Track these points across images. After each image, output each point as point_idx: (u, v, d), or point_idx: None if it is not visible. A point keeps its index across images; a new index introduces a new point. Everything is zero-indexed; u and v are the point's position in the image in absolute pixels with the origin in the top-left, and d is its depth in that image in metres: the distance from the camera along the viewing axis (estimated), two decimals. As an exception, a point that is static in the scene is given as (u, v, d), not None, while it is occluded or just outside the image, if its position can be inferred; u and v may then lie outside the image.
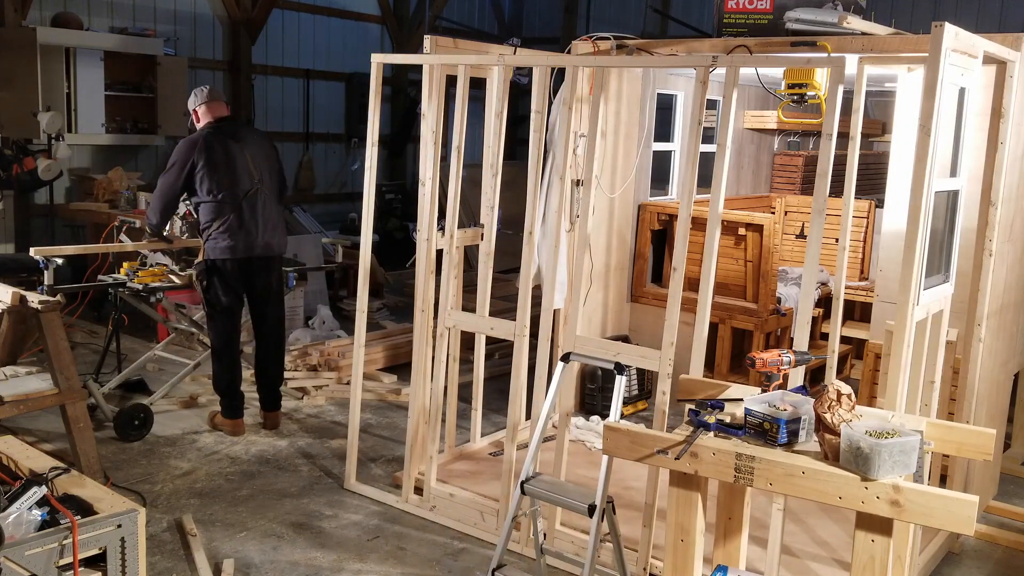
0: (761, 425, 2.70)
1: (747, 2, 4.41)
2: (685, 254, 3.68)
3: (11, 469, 3.41)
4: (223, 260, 5.19)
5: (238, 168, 5.21)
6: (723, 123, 3.61)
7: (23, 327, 4.67)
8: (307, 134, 11.12)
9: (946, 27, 3.19)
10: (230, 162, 5.20)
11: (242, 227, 5.17)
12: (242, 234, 5.17)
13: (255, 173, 5.25)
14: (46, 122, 7.53)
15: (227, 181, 5.17)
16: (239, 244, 5.16)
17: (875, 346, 5.00)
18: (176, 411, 5.83)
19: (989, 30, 3.97)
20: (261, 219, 5.24)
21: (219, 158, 5.18)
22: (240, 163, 5.22)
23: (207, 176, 5.15)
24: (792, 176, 7.90)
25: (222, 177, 5.17)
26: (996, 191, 3.97)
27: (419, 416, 4.49)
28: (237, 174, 5.19)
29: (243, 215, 5.17)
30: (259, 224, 5.23)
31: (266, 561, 3.98)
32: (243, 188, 5.19)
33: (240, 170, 5.21)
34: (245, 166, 5.23)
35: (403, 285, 9.34)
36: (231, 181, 5.17)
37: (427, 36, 4.43)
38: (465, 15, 13.21)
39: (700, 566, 2.87)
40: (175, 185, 5.23)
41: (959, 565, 4.22)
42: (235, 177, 5.18)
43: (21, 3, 8.01)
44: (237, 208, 5.16)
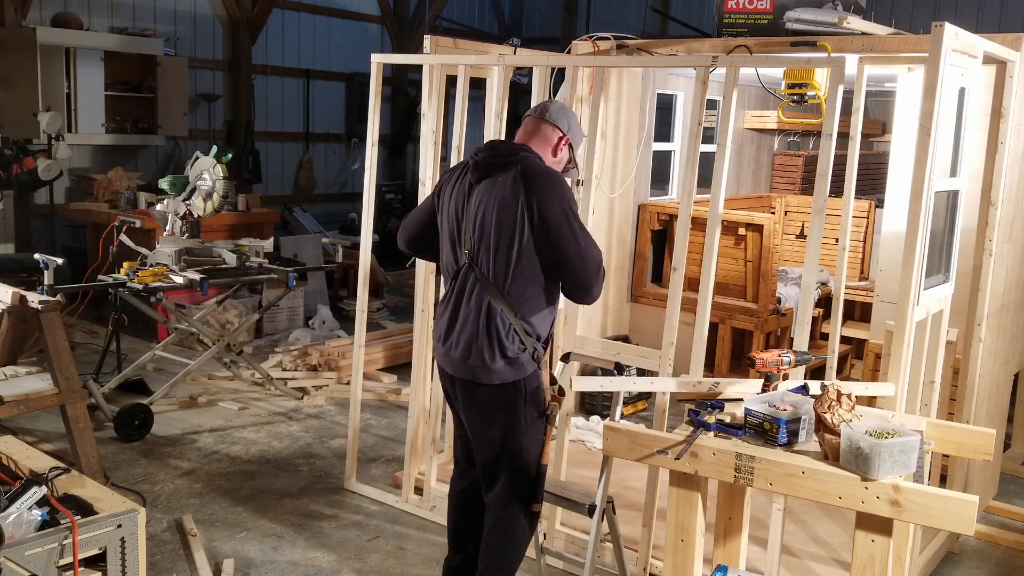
0: (761, 425, 2.70)
1: (747, 2, 4.41)
2: (685, 254, 3.68)
3: (11, 469, 3.41)
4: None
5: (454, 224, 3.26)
6: (723, 123, 3.61)
7: (23, 327, 4.67)
8: (307, 134, 11.13)
9: (946, 27, 3.19)
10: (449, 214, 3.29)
11: (439, 321, 3.33)
12: (436, 332, 3.35)
13: (470, 236, 3.18)
14: (46, 122, 7.53)
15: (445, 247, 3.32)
16: (437, 349, 3.35)
17: (875, 346, 5.00)
18: (176, 411, 5.83)
19: (989, 30, 3.97)
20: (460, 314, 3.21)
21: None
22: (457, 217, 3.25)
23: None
24: (792, 176, 7.90)
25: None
26: (996, 191, 3.97)
27: (419, 416, 4.49)
28: (451, 235, 3.27)
29: (448, 301, 3.28)
30: (454, 322, 3.22)
31: (266, 561, 3.98)
32: (454, 258, 3.27)
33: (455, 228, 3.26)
34: (461, 222, 3.23)
35: (403, 285, 9.34)
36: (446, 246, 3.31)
37: (427, 36, 4.43)
38: (465, 15, 13.21)
39: (700, 566, 2.87)
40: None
41: (959, 565, 4.22)
42: (449, 240, 3.29)
43: (21, 3, 8.01)
44: (447, 290, 3.31)
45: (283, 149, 10.95)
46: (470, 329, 3.12)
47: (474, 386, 3.16)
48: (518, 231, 3.04)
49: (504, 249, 3.06)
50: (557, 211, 3.03)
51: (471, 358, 3.12)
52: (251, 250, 6.00)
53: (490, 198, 3.09)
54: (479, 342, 3.09)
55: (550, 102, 3.34)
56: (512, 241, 3.05)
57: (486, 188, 3.12)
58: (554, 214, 3.03)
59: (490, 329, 3.09)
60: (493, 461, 3.22)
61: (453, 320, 3.19)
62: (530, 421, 3.18)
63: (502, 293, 3.08)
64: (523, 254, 3.05)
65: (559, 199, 3.05)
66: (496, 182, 3.10)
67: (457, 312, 3.18)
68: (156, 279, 5.40)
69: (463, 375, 3.17)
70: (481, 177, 3.16)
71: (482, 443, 3.23)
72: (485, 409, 3.18)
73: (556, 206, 3.03)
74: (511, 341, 3.09)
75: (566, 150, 3.29)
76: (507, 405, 3.14)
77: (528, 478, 3.21)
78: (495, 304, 3.08)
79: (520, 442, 3.17)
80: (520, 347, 3.11)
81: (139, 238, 6.42)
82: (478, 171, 3.18)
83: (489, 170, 3.15)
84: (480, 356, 3.09)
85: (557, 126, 3.25)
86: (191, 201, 5.82)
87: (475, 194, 3.15)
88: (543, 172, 3.11)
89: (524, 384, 3.14)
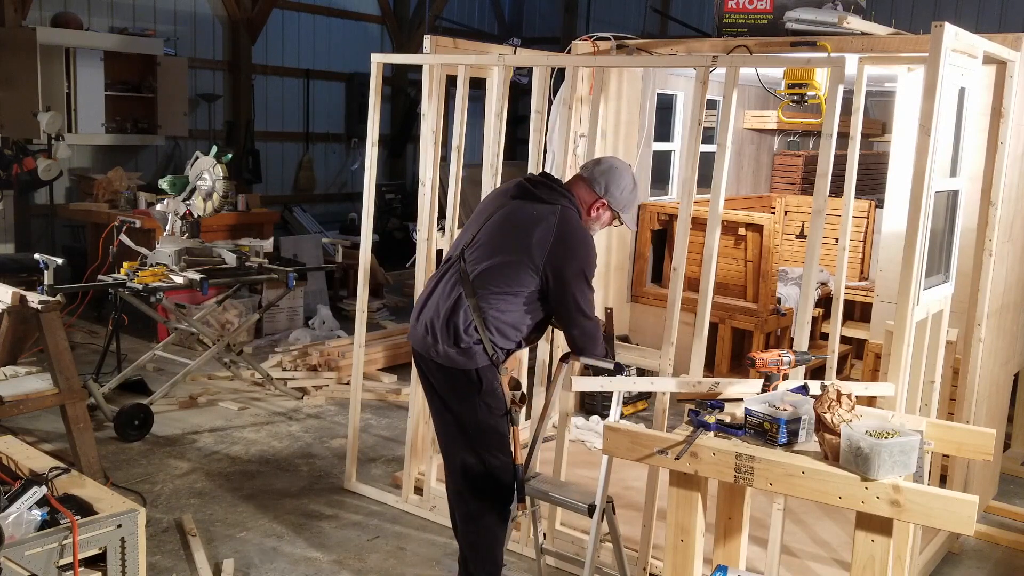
0: (761, 425, 2.70)
1: (747, 2, 4.41)
2: (685, 254, 3.68)
3: (11, 469, 3.41)
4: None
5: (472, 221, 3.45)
6: (723, 123, 3.61)
7: (23, 327, 4.67)
8: (307, 134, 11.13)
9: (946, 27, 3.19)
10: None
11: (418, 300, 3.52)
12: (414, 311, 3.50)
13: (477, 235, 3.35)
14: (46, 122, 7.53)
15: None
16: (411, 328, 3.48)
17: (875, 346, 5.00)
18: (176, 411, 5.83)
19: (989, 30, 3.97)
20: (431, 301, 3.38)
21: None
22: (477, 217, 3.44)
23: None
24: (792, 176, 7.90)
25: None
26: (996, 191, 3.97)
27: (419, 416, 4.49)
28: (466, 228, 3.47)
29: (429, 283, 3.46)
30: (426, 301, 3.41)
31: (266, 561, 3.98)
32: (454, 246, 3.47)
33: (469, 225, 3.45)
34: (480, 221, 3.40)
35: (403, 285, 9.34)
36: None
37: (427, 36, 4.43)
38: (465, 15, 13.22)
39: (700, 566, 2.87)
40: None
41: (959, 565, 4.22)
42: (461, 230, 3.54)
43: (21, 3, 8.01)
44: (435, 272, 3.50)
45: (283, 149, 10.95)
46: (433, 311, 3.30)
47: (428, 362, 3.33)
48: (526, 266, 3.19)
49: (501, 264, 3.20)
50: (572, 274, 3.22)
51: (427, 335, 3.30)
52: (251, 250, 5.99)
53: (516, 219, 3.25)
54: (438, 325, 3.26)
55: (602, 160, 3.43)
56: (515, 267, 3.20)
57: (517, 208, 3.28)
58: (568, 275, 3.21)
59: (450, 320, 3.24)
60: (451, 448, 3.37)
61: (426, 300, 3.38)
62: (486, 414, 3.28)
63: (474, 294, 3.22)
64: (516, 279, 3.21)
65: (579, 262, 3.23)
66: (532, 212, 3.25)
67: (432, 294, 3.36)
68: (156, 279, 5.40)
69: (421, 350, 3.35)
70: (520, 196, 3.32)
71: (442, 427, 3.40)
72: (441, 388, 3.34)
73: (574, 267, 3.21)
74: (468, 335, 3.23)
75: (604, 213, 3.41)
76: (460, 390, 3.29)
77: (493, 466, 3.32)
78: (464, 300, 3.24)
79: (475, 432, 3.29)
80: (476, 340, 3.22)
81: (139, 238, 6.42)
82: (520, 190, 3.34)
83: (531, 196, 3.30)
84: (433, 336, 3.27)
85: (593, 188, 3.37)
86: (191, 201, 5.82)
87: (506, 206, 3.31)
88: (578, 232, 3.25)
89: (477, 374, 3.25)
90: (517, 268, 3.20)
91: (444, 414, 3.38)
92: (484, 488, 3.36)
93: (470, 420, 3.30)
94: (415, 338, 3.39)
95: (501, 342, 3.27)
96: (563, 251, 3.19)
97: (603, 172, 3.38)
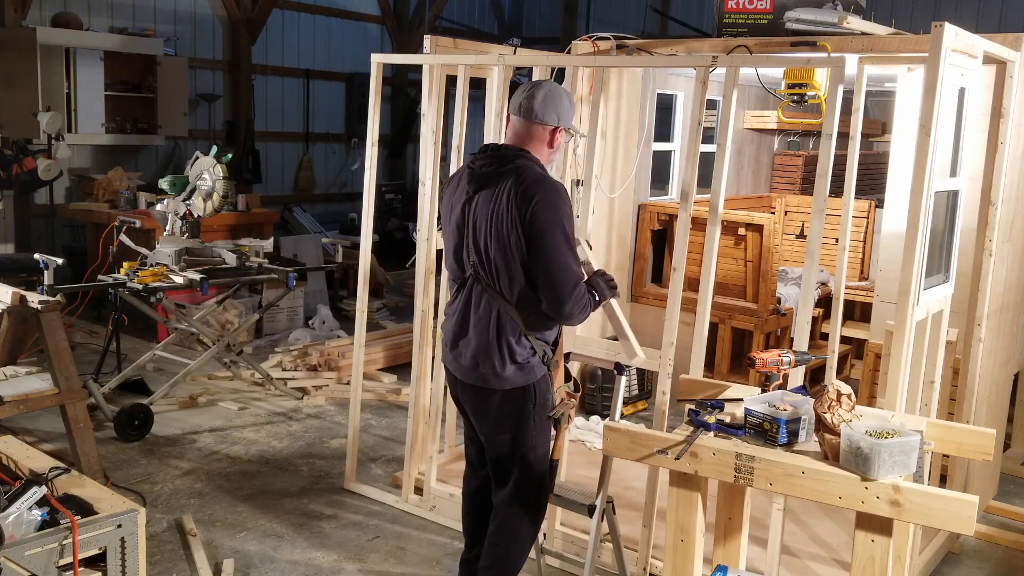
0: (761, 425, 2.70)
1: (747, 2, 4.41)
2: (685, 254, 3.68)
3: (11, 469, 3.41)
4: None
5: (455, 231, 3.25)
6: (723, 123, 3.61)
7: (23, 327, 4.67)
8: (307, 134, 11.13)
9: (946, 27, 3.19)
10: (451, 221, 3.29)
11: (447, 325, 3.32)
12: (444, 337, 3.33)
13: (474, 248, 3.14)
14: (46, 122, 7.53)
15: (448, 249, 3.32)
16: (445, 354, 3.35)
17: (875, 346, 5.00)
18: (176, 411, 5.83)
19: (989, 30, 3.97)
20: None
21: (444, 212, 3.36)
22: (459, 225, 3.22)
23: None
24: (792, 176, 7.90)
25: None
26: (996, 191, 3.97)
27: (419, 416, 4.49)
28: (455, 245, 3.25)
29: (456, 309, 3.26)
30: (463, 329, 3.21)
31: (266, 561, 3.98)
32: (459, 267, 3.24)
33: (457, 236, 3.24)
34: (464, 233, 3.19)
35: (403, 285, 9.34)
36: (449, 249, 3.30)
37: (427, 36, 4.43)
38: (465, 15, 13.22)
39: (700, 566, 2.87)
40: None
41: (959, 565, 4.22)
42: (453, 250, 3.26)
43: (21, 3, 8.01)
44: (454, 296, 3.29)
45: (283, 149, 10.95)
46: (480, 337, 3.12)
47: (485, 392, 3.17)
48: (516, 242, 3.00)
49: (508, 260, 3.04)
50: (547, 219, 2.98)
51: (481, 366, 3.13)
52: (251, 250, 6.00)
53: (489, 210, 3.06)
54: (489, 350, 3.09)
55: (534, 94, 3.14)
56: (515, 251, 3.01)
57: (484, 199, 3.08)
58: (543, 221, 2.98)
59: (500, 337, 3.09)
60: (503, 464, 3.24)
61: (463, 327, 3.18)
62: (539, 424, 3.20)
63: (512, 303, 3.07)
64: (526, 264, 3.03)
65: (551, 208, 2.99)
66: (494, 193, 3.06)
67: (466, 320, 3.16)
68: (156, 279, 5.40)
69: (473, 381, 3.18)
70: (479, 187, 3.12)
71: (493, 446, 3.26)
72: (495, 414, 3.18)
73: (547, 215, 2.98)
74: (521, 347, 3.10)
75: (561, 135, 3.20)
76: (517, 409, 3.15)
77: (535, 479, 3.23)
78: (505, 313, 3.08)
79: (529, 445, 3.19)
80: (531, 352, 3.12)
81: (139, 238, 6.42)
82: (475, 181, 3.13)
83: (486, 180, 3.10)
84: (490, 363, 3.10)
85: (546, 122, 3.14)
86: (191, 201, 5.82)
87: (475, 205, 3.11)
88: (538, 181, 3.04)
89: (534, 388, 3.15)
90: (515, 246, 3.02)
91: (497, 436, 3.21)
92: (525, 502, 3.24)
93: (525, 434, 3.18)
94: (461, 370, 3.21)
95: (548, 335, 3.18)
96: (529, 196, 2.97)
97: (543, 103, 3.12)
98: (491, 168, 3.11)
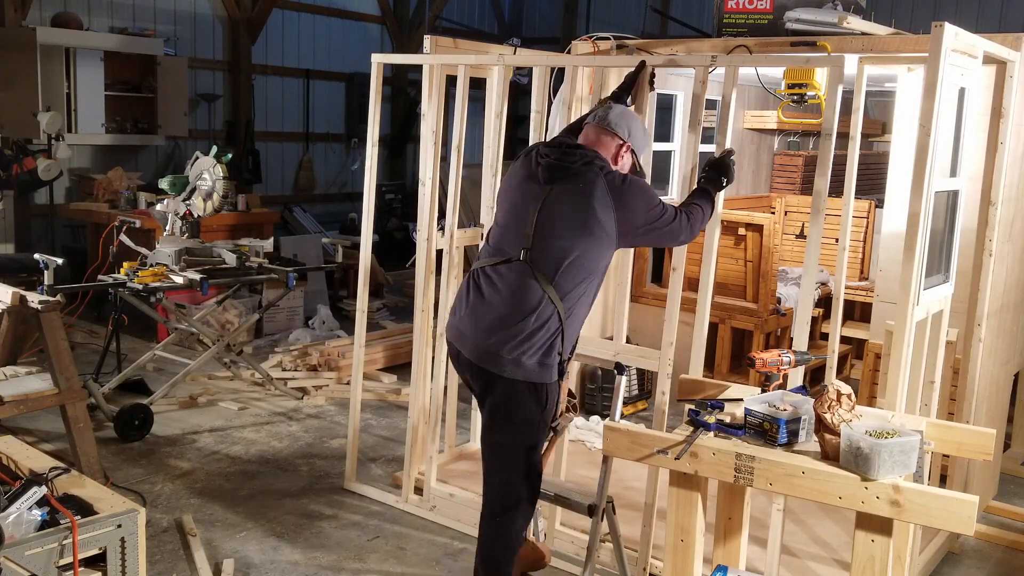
0: (761, 425, 2.71)
1: (747, 2, 4.41)
2: (685, 254, 3.68)
3: (11, 469, 3.41)
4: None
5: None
6: (723, 123, 3.61)
7: (23, 327, 4.67)
8: (307, 134, 11.13)
9: (946, 27, 3.19)
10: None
11: (465, 300, 3.28)
12: (460, 309, 3.29)
13: (534, 231, 3.15)
14: (46, 122, 7.53)
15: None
16: (450, 327, 3.34)
17: (875, 346, 5.00)
18: (176, 411, 5.83)
19: (989, 30, 3.97)
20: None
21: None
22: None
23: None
24: (792, 176, 7.90)
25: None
26: (996, 191, 3.97)
27: (419, 416, 4.49)
28: (508, 222, 3.27)
29: (488, 284, 3.21)
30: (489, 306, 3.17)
31: (266, 561, 3.98)
32: (507, 244, 3.24)
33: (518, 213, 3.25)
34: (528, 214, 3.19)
35: (403, 285, 9.34)
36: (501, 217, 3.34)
37: (427, 36, 4.43)
38: (465, 15, 13.21)
39: (700, 566, 2.87)
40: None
41: (959, 565, 4.22)
42: (504, 225, 3.29)
43: (21, 3, 8.01)
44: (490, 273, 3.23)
45: (283, 149, 10.95)
46: (515, 319, 3.06)
47: (494, 378, 3.09)
48: (595, 240, 3.09)
49: (582, 252, 3.08)
50: (646, 219, 3.17)
51: (502, 349, 3.05)
52: (251, 250, 5.99)
53: (572, 203, 3.10)
54: (519, 335, 3.04)
55: (610, 108, 3.33)
56: (596, 244, 3.09)
57: (564, 192, 3.13)
58: (643, 221, 3.17)
59: (539, 329, 3.05)
60: (499, 464, 3.20)
61: (488, 305, 3.13)
62: (542, 426, 3.17)
63: (561, 296, 3.08)
64: (588, 261, 3.10)
65: (645, 205, 3.17)
66: (576, 187, 3.11)
67: (502, 296, 3.11)
68: (156, 279, 5.40)
69: (485, 364, 3.10)
70: (555, 178, 3.16)
71: (489, 443, 3.21)
72: (501, 405, 3.12)
73: (645, 216, 3.17)
74: (552, 346, 3.08)
75: (628, 156, 3.31)
76: (525, 406, 3.10)
77: (530, 478, 3.21)
78: (551, 303, 3.06)
79: (530, 447, 3.17)
80: (557, 353, 3.10)
81: (139, 238, 6.42)
82: (551, 172, 3.17)
83: (565, 174, 3.15)
84: (516, 349, 3.04)
85: (616, 133, 3.27)
86: (191, 201, 5.82)
87: (551, 195, 3.14)
88: (629, 183, 3.17)
89: (547, 389, 3.12)
90: (594, 247, 3.10)
91: (497, 434, 3.18)
92: (515, 503, 3.21)
93: (526, 434, 3.14)
94: (474, 349, 3.14)
95: (570, 343, 3.18)
96: (627, 208, 3.12)
97: (619, 115, 3.29)
98: (572, 164, 3.18)
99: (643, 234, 3.23)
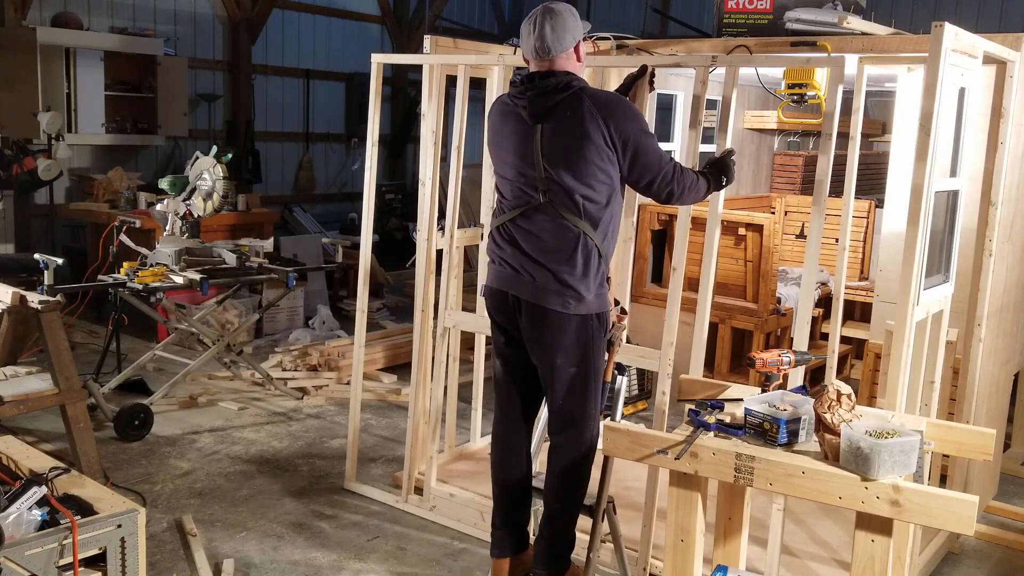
0: (761, 425, 2.70)
1: (747, 2, 4.41)
2: (685, 254, 3.68)
3: (11, 469, 3.41)
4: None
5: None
6: (723, 123, 3.61)
7: (23, 327, 4.67)
8: (307, 134, 11.13)
9: (946, 27, 3.19)
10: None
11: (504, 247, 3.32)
12: (499, 255, 3.34)
13: (546, 173, 3.17)
14: (46, 122, 7.53)
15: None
16: (492, 277, 3.38)
17: (875, 346, 5.00)
18: (176, 411, 5.83)
19: (989, 30, 3.97)
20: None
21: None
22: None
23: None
24: (792, 176, 7.90)
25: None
26: (996, 191, 3.97)
27: (419, 416, 4.49)
28: (516, 173, 3.28)
29: (521, 232, 3.27)
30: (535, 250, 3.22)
31: (266, 561, 3.98)
32: (522, 193, 3.28)
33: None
34: (531, 159, 3.20)
35: (403, 285, 9.34)
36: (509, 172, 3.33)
37: (427, 36, 4.43)
38: (465, 15, 13.21)
39: (700, 566, 2.87)
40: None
41: (959, 565, 4.22)
42: (512, 178, 3.30)
43: (21, 3, 8.01)
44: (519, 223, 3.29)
45: (283, 149, 10.95)
46: (564, 261, 3.13)
47: (557, 316, 3.15)
48: (603, 160, 3.09)
49: (592, 183, 3.10)
50: (635, 132, 3.11)
51: (562, 291, 3.13)
52: (251, 250, 6.00)
53: (565, 137, 3.10)
54: (574, 275, 3.13)
55: (543, 33, 3.12)
56: (602, 172, 3.10)
57: (555, 128, 3.12)
58: (632, 134, 3.10)
59: (588, 264, 3.14)
60: (566, 401, 3.24)
61: (534, 248, 3.18)
62: (600, 352, 3.27)
63: (595, 228, 3.14)
64: (603, 183, 3.12)
65: (634, 118, 3.13)
66: (565, 117, 3.10)
67: (540, 243, 3.17)
68: (156, 279, 5.41)
69: (545, 303, 3.15)
70: (543, 117, 3.13)
71: (554, 380, 3.24)
72: (567, 341, 3.17)
73: (632, 125, 3.11)
74: (600, 274, 3.20)
75: (584, 45, 3.25)
76: (589, 335, 3.20)
77: (594, 405, 3.27)
78: (589, 238, 3.13)
79: (596, 369, 3.25)
80: (607, 278, 3.25)
81: (139, 238, 6.42)
82: (537, 111, 3.14)
83: (550, 105, 3.12)
84: (573, 289, 3.14)
85: (567, 49, 3.17)
86: (191, 201, 5.82)
87: (542, 134, 3.13)
88: (611, 99, 3.16)
89: (607, 316, 3.25)
90: (602, 169, 3.09)
91: (563, 370, 3.20)
92: (590, 414, 3.27)
93: (591, 367, 3.22)
94: (529, 289, 3.18)
95: (610, 256, 3.28)
96: (614, 117, 3.07)
97: (554, 34, 3.13)
98: (554, 96, 3.13)
99: (634, 149, 3.11)
